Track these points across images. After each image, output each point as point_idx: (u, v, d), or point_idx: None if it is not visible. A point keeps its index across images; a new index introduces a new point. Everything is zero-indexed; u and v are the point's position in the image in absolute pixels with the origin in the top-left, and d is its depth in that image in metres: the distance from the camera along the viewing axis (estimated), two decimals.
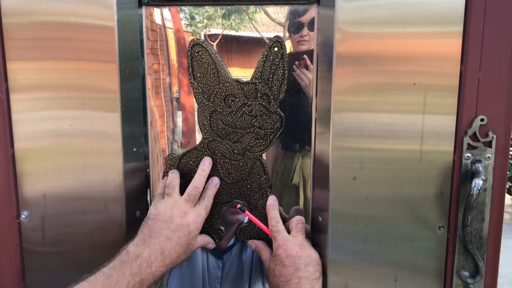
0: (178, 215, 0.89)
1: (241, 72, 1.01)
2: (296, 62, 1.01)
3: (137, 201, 1.00)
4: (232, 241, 1.23)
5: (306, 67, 1.00)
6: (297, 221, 0.96)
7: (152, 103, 1.04)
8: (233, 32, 1.03)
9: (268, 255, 0.97)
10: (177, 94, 1.12)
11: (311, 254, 0.92)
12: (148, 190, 1.05)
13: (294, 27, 1.01)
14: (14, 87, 0.94)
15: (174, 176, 0.95)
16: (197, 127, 1.02)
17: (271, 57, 0.92)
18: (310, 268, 0.90)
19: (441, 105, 0.91)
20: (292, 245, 0.92)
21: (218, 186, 0.97)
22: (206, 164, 0.96)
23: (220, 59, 0.93)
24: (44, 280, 1.00)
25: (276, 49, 0.92)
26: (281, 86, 0.93)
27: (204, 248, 1.21)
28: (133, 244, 0.84)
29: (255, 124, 0.95)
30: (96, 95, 0.94)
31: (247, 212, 0.98)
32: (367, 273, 0.97)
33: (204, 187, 0.95)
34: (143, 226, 0.88)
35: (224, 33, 1.02)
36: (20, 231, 0.97)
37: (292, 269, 0.89)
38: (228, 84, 0.93)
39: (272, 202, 0.98)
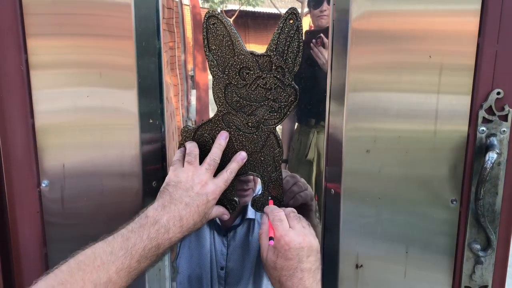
0: (198, 184, 0.91)
1: (258, 48, 1.01)
2: (314, 40, 1.01)
3: (153, 171, 1.02)
4: (237, 221, 1.25)
5: (323, 45, 1.00)
6: (288, 213, 0.93)
7: (168, 80, 1.05)
8: (250, 8, 1.03)
9: (267, 243, 0.91)
10: (192, 72, 1.13)
11: (312, 242, 0.88)
12: (164, 162, 1.07)
13: (314, 1, 1.00)
14: (32, 62, 0.96)
15: (194, 145, 0.97)
16: (210, 106, 1.03)
17: (286, 29, 0.92)
18: (311, 259, 0.87)
19: (457, 82, 0.91)
20: (294, 235, 0.87)
21: (244, 161, 0.99)
22: (223, 138, 0.97)
23: (235, 31, 0.93)
24: (63, 248, 1.04)
25: (291, 21, 0.91)
26: (296, 59, 0.93)
27: (211, 225, 1.24)
28: (152, 208, 0.86)
29: (269, 97, 0.96)
30: (113, 68, 0.96)
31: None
32: (378, 245, 0.98)
33: (232, 158, 0.98)
34: (163, 192, 0.90)
35: (241, 8, 1.02)
36: (41, 199, 1.01)
37: (295, 262, 0.86)
38: (243, 56, 0.94)
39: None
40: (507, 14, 0.87)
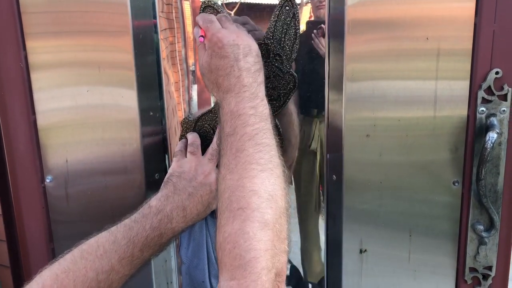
0: (202, 174, 0.91)
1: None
2: (315, 31, 1.01)
3: (155, 163, 1.03)
4: None
5: (324, 36, 1.00)
6: (220, 17, 0.84)
7: (168, 73, 1.06)
8: (251, 0, 1.03)
9: (203, 52, 0.82)
10: (193, 66, 1.13)
11: (249, 42, 0.80)
12: (166, 155, 1.08)
13: None
14: (32, 61, 0.97)
15: (195, 136, 0.97)
16: (212, 100, 1.03)
17: (283, 16, 0.92)
18: (250, 59, 0.78)
19: (455, 67, 0.91)
20: (227, 33, 0.78)
21: None
22: None
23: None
24: (70, 243, 1.05)
25: (287, 8, 0.91)
26: (293, 46, 0.93)
27: None
28: (156, 199, 0.87)
29: (268, 85, 0.96)
30: (112, 64, 0.96)
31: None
32: (381, 229, 0.99)
33: None
34: (167, 182, 0.90)
35: (242, 1, 1.02)
36: (46, 195, 1.02)
37: (231, 60, 0.77)
38: None
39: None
40: None
